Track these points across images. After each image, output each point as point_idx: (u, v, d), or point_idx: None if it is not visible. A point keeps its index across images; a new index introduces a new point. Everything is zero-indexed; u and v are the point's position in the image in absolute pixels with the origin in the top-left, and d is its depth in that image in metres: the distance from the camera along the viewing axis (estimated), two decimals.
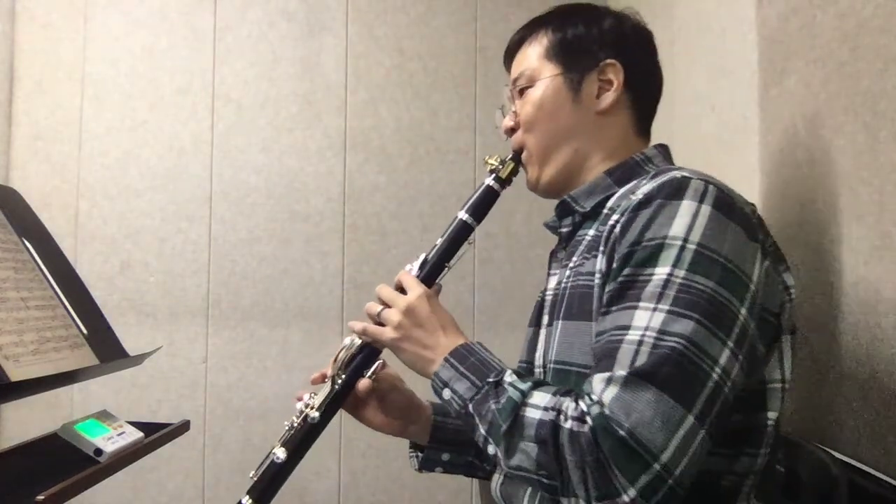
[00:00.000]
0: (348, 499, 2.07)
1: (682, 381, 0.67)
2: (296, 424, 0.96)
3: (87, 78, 2.09)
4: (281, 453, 0.93)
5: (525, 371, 0.95)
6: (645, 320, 0.70)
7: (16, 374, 0.88)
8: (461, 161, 2.11)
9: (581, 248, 0.88)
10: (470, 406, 0.79)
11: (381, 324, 0.92)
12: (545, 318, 0.92)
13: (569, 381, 0.81)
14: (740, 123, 1.28)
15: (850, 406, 0.94)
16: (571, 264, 0.88)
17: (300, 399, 0.99)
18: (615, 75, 0.94)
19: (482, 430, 0.77)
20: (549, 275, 0.99)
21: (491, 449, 0.76)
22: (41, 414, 1.99)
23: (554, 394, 0.74)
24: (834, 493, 0.82)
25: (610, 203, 0.89)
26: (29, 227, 1.13)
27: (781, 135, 1.13)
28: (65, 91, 2.09)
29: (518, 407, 0.74)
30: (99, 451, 0.96)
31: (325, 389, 0.97)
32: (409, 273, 0.96)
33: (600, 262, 0.80)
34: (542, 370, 0.89)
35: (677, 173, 0.78)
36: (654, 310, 0.70)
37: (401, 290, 0.94)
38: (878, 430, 0.88)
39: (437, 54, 2.12)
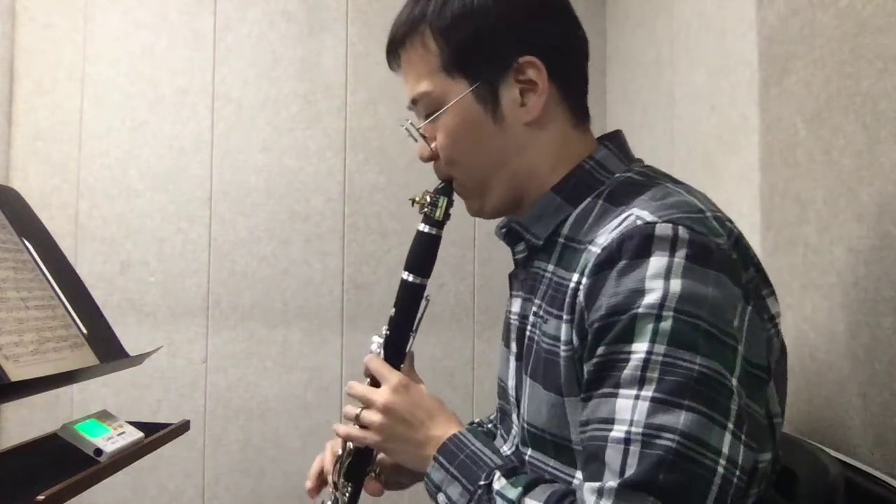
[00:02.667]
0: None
1: (684, 487, 0.58)
2: None
3: (87, 78, 2.09)
4: None
5: (499, 390, 0.91)
6: (628, 412, 0.61)
7: (16, 374, 0.88)
8: None
9: (542, 287, 0.78)
10: None
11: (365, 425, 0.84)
12: (513, 346, 0.85)
13: (546, 448, 0.76)
14: (740, 123, 1.28)
15: (850, 406, 0.94)
16: (535, 307, 0.78)
17: None
18: (536, 74, 0.77)
19: None
20: (511, 295, 0.89)
21: None
22: (41, 414, 1.99)
23: (545, 502, 0.68)
24: (833, 493, 0.81)
25: (565, 230, 0.78)
26: (29, 227, 1.13)
27: (781, 135, 1.13)
28: (65, 91, 2.08)
29: None
30: (99, 451, 0.96)
31: (339, 499, 0.92)
32: (377, 357, 0.88)
33: (566, 332, 0.71)
34: (514, 399, 0.84)
35: (638, 217, 0.67)
36: (637, 397, 0.61)
37: (373, 380, 0.87)
38: (878, 430, 0.88)
39: None
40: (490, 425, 1.08)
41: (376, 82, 2.12)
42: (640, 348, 0.62)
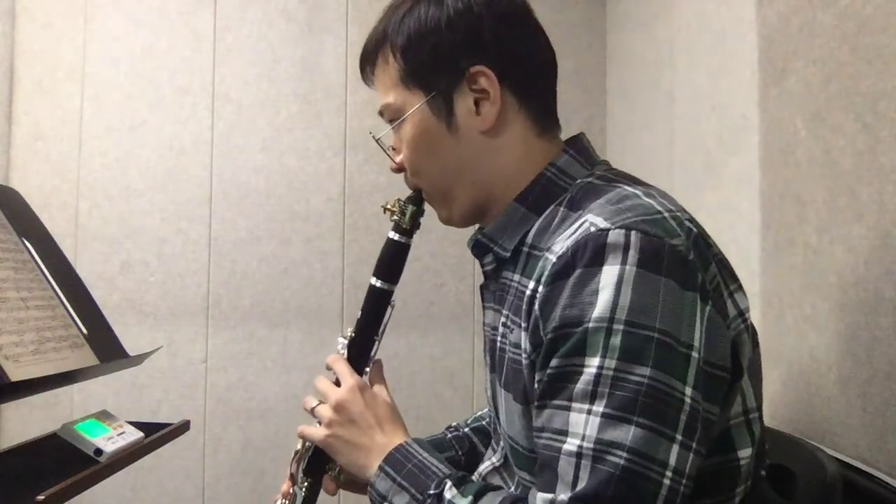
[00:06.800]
0: (348, 499, 2.06)
1: (632, 501, 0.61)
2: None
3: (87, 78, 2.09)
4: None
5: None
6: (580, 426, 0.63)
7: (16, 374, 0.88)
8: None
9: (510, 297, 0.79)
10: None
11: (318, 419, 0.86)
12: (487, 358, 0.86)
13: (520, 460, 0.77)
14: (740, 123, 1.28)
15: (850, 406, 0.94)
16: (503, 318, 0.79)
17: (275, 502, 0.96)
18: (487, 83, 0.78)
19: None
20: (484, 307, 0.89)
21: None
22: (41, 414, 1.99)
23: None
24: (830, 492, 0.82)
25: (529, 239, 0.79)
26: (29, 227, 1.13)
27: (781, 135, 1.13)
28: (65, 91, 2.08)
29: None
30: (99, 451, 0.96)
31: (297, 494, 0.93)
32: (341, 357, 0.90)
33: (525, 341, 0.72)
34: (495, 411, 0.84)
35: (592, 223, 0.67)
36: (589, 412, 0.63)
37: (337, 380, 0.88)
38: (878, 430, 0.88)
39: None
40: (486, 421, 1.07)
41: None
42: (592, 363, 0.63)
